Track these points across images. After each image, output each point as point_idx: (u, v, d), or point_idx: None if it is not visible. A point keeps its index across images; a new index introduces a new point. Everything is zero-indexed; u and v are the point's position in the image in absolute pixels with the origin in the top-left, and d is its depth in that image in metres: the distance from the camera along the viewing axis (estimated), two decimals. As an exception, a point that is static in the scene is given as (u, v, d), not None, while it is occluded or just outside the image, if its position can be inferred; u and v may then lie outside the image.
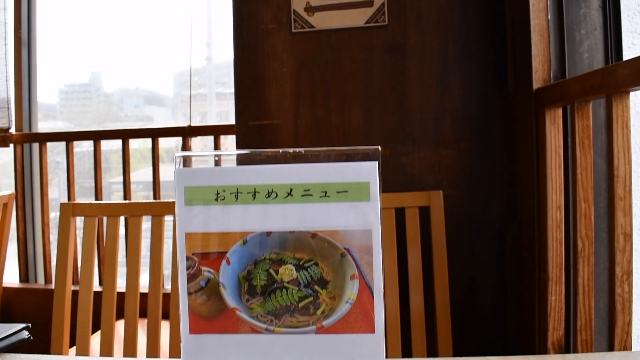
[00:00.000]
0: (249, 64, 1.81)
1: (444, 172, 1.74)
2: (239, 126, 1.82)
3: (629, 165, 1.17)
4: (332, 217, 0.71)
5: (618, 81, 1.14)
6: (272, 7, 1.80)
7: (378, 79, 1.75)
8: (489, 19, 1.72)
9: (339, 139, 1.76)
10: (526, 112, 1.54)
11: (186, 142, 2.51)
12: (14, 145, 2.77)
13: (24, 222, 2.81)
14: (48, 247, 2.74)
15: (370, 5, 1.74)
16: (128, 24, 4.06)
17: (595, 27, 1.54)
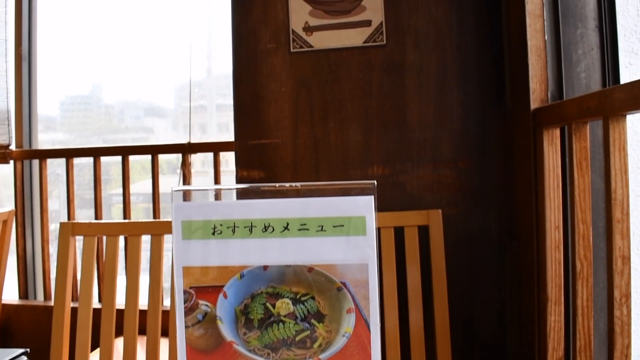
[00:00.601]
0: (248, 83, 1.82)
1: (443, 191, 1.74)
2: (238, 145, 1.82)
3: (627, 188, 1.18)
4: (328, 251, 0.72)
5: (614, 105, 1.14)
6: (270, 27, 1.81)
7: (376, 98, 1.76)
8: (487, 38, 1.72)
9: (338, 158, 1.77)
10: (524, 132, 1.54)
11: (186, 158, 2.52)
12: (14, 162, 2.78)
13: (23, 239, 2.81)
14: (48, 263, 2.74)
15: (368, 25, 1.75)
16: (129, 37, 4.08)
17: (592, 47, 1.55)
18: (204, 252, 0.74)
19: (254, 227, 0.72)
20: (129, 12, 4.01)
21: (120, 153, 2.63)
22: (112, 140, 5.46)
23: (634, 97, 1.08)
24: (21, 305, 2.72)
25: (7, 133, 2.70)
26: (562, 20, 1.54)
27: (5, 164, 2.73)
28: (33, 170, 2.90)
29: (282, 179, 1.80)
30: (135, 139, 5.61)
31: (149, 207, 2.82)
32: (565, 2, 1.54)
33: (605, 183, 1.18)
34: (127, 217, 2.65)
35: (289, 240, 0.72)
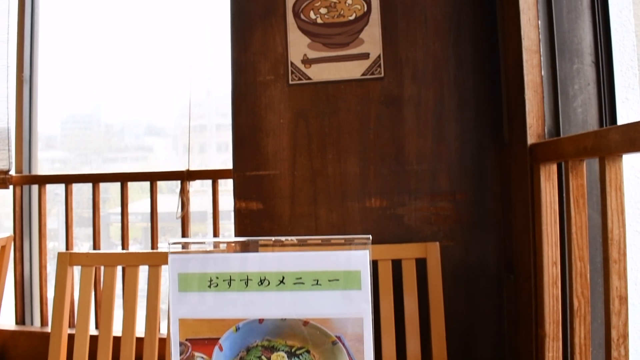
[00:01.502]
0: (247, 114, 1.83)
1: (441, 223, 1.74)
2: (237, 176, 1.83)
3: (623, 228, 1.18)
4: (323, 305, 0.72)
5: (610, 145, 1.15)
6: (269, 59, 1.82)
7: (374, 130, 1.77)
8: (484, 72, 1.74)
9: (336, 190, 1.77)
10: (521, 167, 1.55)
11: (184, 185, 2.52)
12: (14, 187, 2.78)
13: (21, 264, 2.80)
14: (45, 289, 2.74)
15: (366, 58, 1.77)
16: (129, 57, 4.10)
17: (589, 82, 1.56)
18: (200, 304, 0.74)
19: (249, 280, 0.72)
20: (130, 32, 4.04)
21: (119, 179, 2.64)
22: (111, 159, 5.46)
23: (629, 139, 1.09)
24: (18, 331, 2.71)
25: (7, 158, 2.71)
26: (558, 56, 1.55)
27: (4, 189, 2.73)
28: (32, 194, 2.91)
29: (279, 210, 1.80)
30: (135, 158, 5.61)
31: (148, 226, 2.81)
32: (562, 38, 1.55)
33: (602, 223, 1.18)
34: (125, 244, 2.65)
35: (284, 294, 0.72)
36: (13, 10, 2.85)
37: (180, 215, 2.48)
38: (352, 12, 1.78)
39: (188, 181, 2.52)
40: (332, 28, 1.78)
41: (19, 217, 2.78)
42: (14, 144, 2.82)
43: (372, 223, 1.76)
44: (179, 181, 2.65)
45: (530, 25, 1.53)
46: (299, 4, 1.80)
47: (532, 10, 1.53)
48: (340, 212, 1.77)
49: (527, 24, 1.52)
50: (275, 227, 1.80)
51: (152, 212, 2.59)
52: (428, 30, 1.77)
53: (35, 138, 2.97)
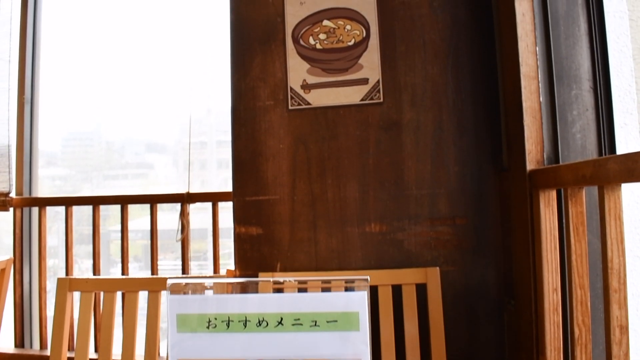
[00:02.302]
0: (247, 139, 1.84)
1: (441, 247, 1.74)
2: (236, 201, 1.83)
3: (623, 257, 1.17)
4: (322, 347, 0.71)
5: (609, 175, 1.15)
6: (269, 84, 1.83)
7: (374, 155, 1.77)
8: (483, 97, 1.74)
9: (335, 215, 1.77)
10: (520, 192, 1.55)
11: (184, 208, 2.52)
12: (14, 209, 2.78)
13: (21, 287, 2.80)
14: (44, 312, 2.72)
15: (365, 83, 1.77)
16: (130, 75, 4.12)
17: (587, 107, 1.57)
18: (199, 345, 0.73)
19: (248, 321, 0.72)
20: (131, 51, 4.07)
21: (120, 202, 2.64)
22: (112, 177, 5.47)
23: (628, 169, 1.09)
24: (17, 355, 2.70)
25: (8, 180, 2.71)
26: (556, 82, 1.55)
27: (5, 211, 2.73)
28: (32, 215, 2.90)
29: (279, 235, 1.80)
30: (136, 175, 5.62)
31: (148, 243, 2.81)
32: (560, 64, 1.56)
33: (602, 252, 1.18)
34: (125, 267, 2.64)
35: (283, 335, 0.72)
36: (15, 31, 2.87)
37: (180, 238, 2.48)
38: (351, 37, 1.79)
39: (188, 204, 2.52)
40: (331, 53, 1.79)
41: (19, 239, 2.78)
42: (15, 166, 2.83)
43: (372, 248, 1.76)
44: (178, 215, 2.64)
45: (528, 51, 1.53)
46: (298, 30, 1.81)
47: (530, 37, 1.54)
48: (340, 237, 1.77)
49: (525, 50, 1.53)
50: (275, 252, 1.80)
51: (152, 234, 2.58)
52: (427, 55, 1.78)
53: (35, 158, 2.97)
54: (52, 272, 2.96)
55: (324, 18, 1.80)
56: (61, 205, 2.71)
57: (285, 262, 1.79)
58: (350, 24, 1.79)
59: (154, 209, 2.59)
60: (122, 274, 2.63)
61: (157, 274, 2.59)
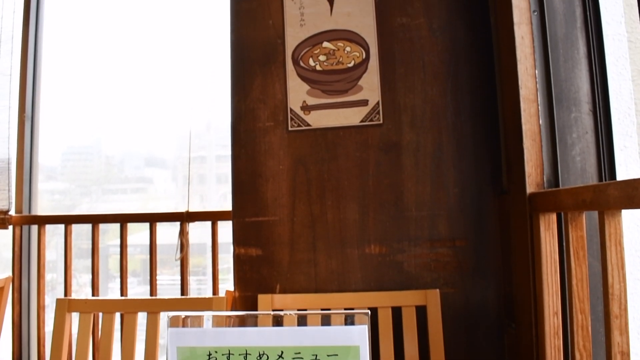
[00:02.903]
0: (247, 160, 1.84)
1: (441, 270, 1.73)
2: (236, 222, 1.83)
3: (624, 282, 1.17)
4: (321, 382, 0.71)
5: (609, 200, 1.14)
6: (269, 105, 1.83)
7: (373, 176, 1.77)
8: (482, 118, 1.75)
9: (335, 236, 1.77)
10: (520, 215, 1.54)
11: (183, 227, 2.52)
12: (13, 227, 2.77)
13: (19, 305, 2.78)
14: (43, 330, 2.71)
15: (365, 105, 1.78)
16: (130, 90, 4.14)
17: (587, 130, 1.57)
18: (196, 379, 0.73)
19: (248, 354, 0.71)
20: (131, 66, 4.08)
21: (119, 220, 2.63)
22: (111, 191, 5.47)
23: (628, 196, 1.09)
24: (14, 374, 2.68)
25: (7, 199, 2.71)
26: (556, 105, 1.56)
27: (4, 229, 2.73)
28: (32, 232, 2.90)
29: (279, 256, 1.79)
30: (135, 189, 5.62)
31: (146, 258, 2.80)
32: (559, 87, 1.56)
33: (603, 277, 1.17)
34: (124, 288, 2.63)
35: (282, 370, 0.72)
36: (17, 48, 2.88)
37: (180, 257, 2.47)
38: (351, 59, 1.79)
39: (187, 222, 2.51)
40: (331, 75, 1.80)
41: (18, 257, 2.77)
42: (15, 183, 2.83)
43: (372, 270, 1.75)
44: (178, 233, 2.64)
45: (528, 74, 1.54)
46: (298, 51, 1.82)
47: (529, 60, 1.55)
48: (339, 258, 1.77)
49: (524, 73, 1.54)
50: (275, 274, 1.79)
51: (151, 253, 2.58)
52: (426, 76, 1.78)
53: (35, 175, 2.97)
54: (50, 286, 2.95)
55: (323, 40, 1.81)
56: (60, 224, 2.71)
57: (284, 283, 1.79)
58: (350, 45, 1.80)
59: (153, 228, 2.58)
60: (120, 293, 2.62)
61: (156, 294, 2.58)
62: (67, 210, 4.89)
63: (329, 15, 1.82)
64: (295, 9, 1.84)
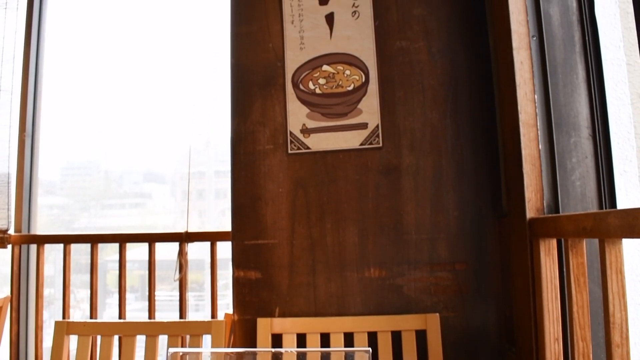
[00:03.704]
0: (246, 183, 1.83)
1: (441, 293, 1.72)
2: (235, 245, 1.82)
3: (625, 311, 1.16)
4: (320, 423, 0.70)
5: (610, 229, 1.14)
6: (269, 128, 1.83)
7: (373, 199, 1.77)
8: (482, 141, 1.75)
9: (334, 260, 1.76)
10: (520, 240, 1.54)
11: (182, 247, 2.51)
12: (12, 247, 2.77)
13: (17, 324, 2.77)
14: (40, 350, 2.69)
15: (364, 128, 1.78)
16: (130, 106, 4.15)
17: (586, 155, 1.57)
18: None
19: (245, 395, 0.71)
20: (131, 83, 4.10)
21: (118, 240, 2.62)
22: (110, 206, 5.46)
23: (629, 225, 1.09)
24: (11, 394, 2.66)
25: (7, 218, 2.70)
26: (555, 129, 1.56)
27: (3, 248, 2.72)
28: (30, 252, 2.89)
29: (278, 279, 1.78)
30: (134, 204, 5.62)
31: (145, 274, 2.79)
32: (559, 112, 1.57)
33: (604, 306, 1.17)
34: (122, 311, 2.62)
35: (280, 410, 0.71)
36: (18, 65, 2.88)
37: (178, 278, 2.46)
38: (351, 82, 1.80)
39: (186, 243, 2.51)
40: (331, 98, 1.80)
41: (17, 276, 2.76)
42: (14, 202, 2.82)
43: (371, 293, 1.74)
44: (177, 254, 2.63)
45: (527, 99, 1.54)
46: (298, 75, 1.83)
47: (529, 85, 1.55)
48: (339, 282, 1.76)
49: (523, 98, 1.54)
50: (274, 297, 1.78)
51: (150, 273, 2.57)
52: (425, 99, 1.79)
53: (35, 194, 2.97)
54: (47, 301, 2.92)
55: (323, 63, 1.82)
56: (59, 243, 2.70)
57: (284, 307, 1.78)
58: (349, 69, 1.80)
59: (152, 248, 2.57)
60: (119, 314, 2.61)
61: (154, 311, 2.56)
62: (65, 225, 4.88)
63: (328, 38, 1.83)
64: (295, 32, 1.84)
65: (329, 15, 1.84)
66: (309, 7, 1.85)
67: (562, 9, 1.61)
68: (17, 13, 2.76)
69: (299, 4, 1.86)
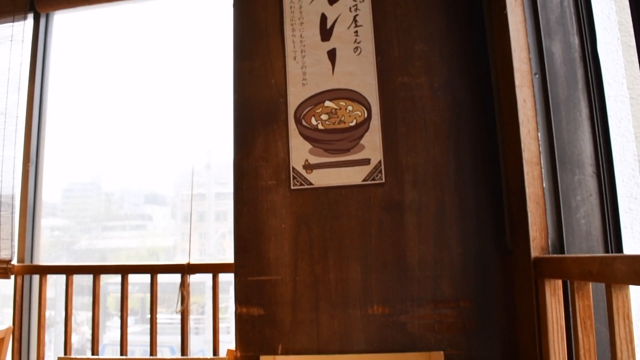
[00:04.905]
0: (249, 218, 1.83)
1: (445, 331, 1.70)
2: (238, 281, 1.81)
3: (633, 357, 1.14)
4: None
5: (616, 275, 1.12)
6: (271, 164, 1.83)
7: (376, 236, 1.76)
8: (485, 177, 1.74)
9: (338, 297, 1.75)
10: (525, 279, 1.52)
11: (184, 279, 2.50)
12: (15, 277, 2.76)
13: (19, 354, 2.75)
14: (42, 382, 2.68)
15: (367, 164, 1.77)
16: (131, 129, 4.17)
17: (591, 193, 1.56)
18: None
19: None
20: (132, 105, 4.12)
21: (120, 271, 2.62)
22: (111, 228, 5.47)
23: (635, 272, 1.07)
24: None
25: (10, 248, 2.71)
26: (559, 167, 1.55)
27: (6, 278, 2.71)
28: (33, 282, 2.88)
29: (281, 316, 1.77)
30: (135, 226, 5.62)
31: (145, 297, 2.78)
32: (562, 149, 1.56)
33: (611, 352, 1.15)
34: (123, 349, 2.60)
35: None
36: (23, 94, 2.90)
37: (180, 310, 2.45)
38: (353, 118, 1.80)
39: (188, 274, 2.49)
40: (333, 134, 1.80)
41: (19, 307, 2.75)
42: (17, 232, 2.82)
43: (375, 331, 1.73)
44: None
45: (530, 137, 1.53)
46: (300, 110, 1.83)
47: (532, 123, 1.54)
48: (342, 319, 1.74)
49: (527, 136, 1.53)
50: (277, 334, 1.77)
51: (152, 305, 2.55)
52: (428, 135, 1.78)
53: (38, 223, 2.97)
54: (48, 323, 2.91)
55: (325, 99, 1.82)
56: (62, 274, 2.69)
57: (286, 344, 1.76)
58: (351, 104, 1.80)
59: (154, 280, 2.56)
60: (120, 351, 2.59)
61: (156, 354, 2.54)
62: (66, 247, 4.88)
63: (330, 74, 1.83)
64: (298, 68, 1.85)
65: (331, 51, 1.84)
66: (311, 43, 1.86)
67: (564, 46, 1.61)
68: (23, 45, 2.79)
69: (301, 40, 1.86)
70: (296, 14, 1.89)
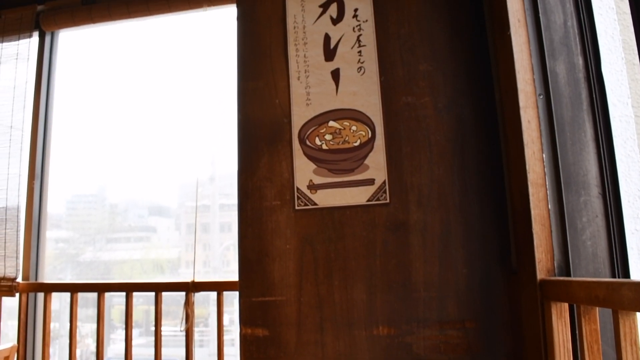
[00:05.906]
0: (253, 239, 1.83)
1: (450, 352, 1.69)
2: (243, 301, 1.81)
3: (641, 385, 1.13)
4: None
5: (623, 301, 1.12)
6: (276, 184, 1.83)
7: (381, 256, 1.75)
8: (490, 197, 1.73)
9: (342, 318, 1.74)
10: (531, 301, 1.51)
11: (189, 297, 2.49)
12: (20, 294, 2.76)
13: (24, 373, 2.75)
14: (47, 400, 2.67)
15: (371, 184, 1.77)
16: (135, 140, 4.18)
17: (597, 214, 1.55)
18: None
19: None
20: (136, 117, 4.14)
21: (124, 289, 2.61)
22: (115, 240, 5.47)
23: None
24: None
25: (15, 266, 2.71)
26: (564, 188, 1.54)
27: (11, 296, 2.72)
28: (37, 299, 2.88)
29: (286, 337, 1.76)
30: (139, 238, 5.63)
31: (150, 309, 2.78)
32: (567, 170, 1.55)
33: (619, 380, 1.14)
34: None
35: None
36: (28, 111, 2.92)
37: (185, 328, 2.44)
38: (357, 138, 1.80)
39: (193, 292, 2.49)
40: (338, 154, 1.80)
41: (24, 325, 2.75)
42: (22, 250, 2.83)
43: (380, 352, 1.72)
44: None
45: (535, 158, 1.53)
46: (304, 130, 1.83)
47: (537, 144, 1.54)
48: (347, 340, 1.73)
49: (531, 158, 1.53)
50: (282, 355, 1.76)
51: (157, 323, 2.55)
52: (432, 155, 1.78)
53: (43, 241, 2.97)
54: (52, 336, 2.91)
55: (329, 119, 1.82)
56: (67, 292, 2.69)
57: (291, 365, 1.75)
58: (355, 124, 1.80)
59: (159, 298, 2.55)
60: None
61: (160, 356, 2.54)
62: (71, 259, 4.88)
63: (334, 94, 1.83)
64: (302, 88, 1.85)
65: (334, 71, 1.85)
66: (314, 63, 1.86)
67: (568, 66, 1.61)
68: (28, 63, 2.80)
69: (304, 60, 1.87)
70: (300, 34, 1.89)
